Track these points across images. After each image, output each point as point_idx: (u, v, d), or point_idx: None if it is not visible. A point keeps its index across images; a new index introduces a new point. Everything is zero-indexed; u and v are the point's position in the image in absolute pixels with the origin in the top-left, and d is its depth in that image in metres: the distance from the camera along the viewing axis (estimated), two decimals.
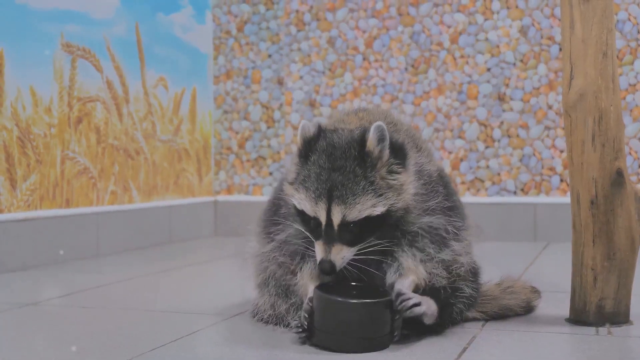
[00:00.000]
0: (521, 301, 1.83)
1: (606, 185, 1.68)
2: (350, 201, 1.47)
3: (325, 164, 1.50)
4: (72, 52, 3.02)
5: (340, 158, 1.49)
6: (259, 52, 3.93)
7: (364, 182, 1.48)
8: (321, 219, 1.49)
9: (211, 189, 3.97)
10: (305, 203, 1.50)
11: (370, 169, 1.49)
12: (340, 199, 1.47)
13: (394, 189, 1.50)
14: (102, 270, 2.75)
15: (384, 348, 1.51)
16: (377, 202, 1.48)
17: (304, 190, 1.51)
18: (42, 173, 2.84)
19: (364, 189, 1.47)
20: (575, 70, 1.71)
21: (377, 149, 1.48)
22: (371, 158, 1.49)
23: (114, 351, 1.54)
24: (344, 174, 1.48)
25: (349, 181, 1.47)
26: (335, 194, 1.47)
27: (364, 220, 1.48)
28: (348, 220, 1.47)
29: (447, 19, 3.62)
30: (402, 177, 1.51)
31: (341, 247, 1.49)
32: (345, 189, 1.47)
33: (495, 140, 3.55)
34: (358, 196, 1.47)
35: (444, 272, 1.59)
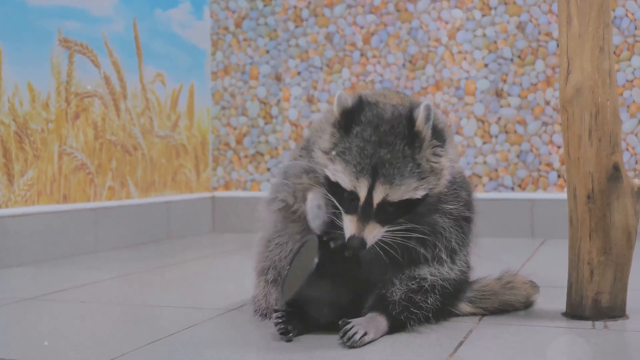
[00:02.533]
0: (521, 296, 1.82)
1: (603, 179, 1.68)
2: (397, 182, 1.42)
3: (371, 137, 1.44)
4: (69, 47, 3.02)
5: (389, 134, 1.44)
6: (257, 48, 3.93)
7: (411, 164, 1.44)
8: (360, 195, 1.43)
9: (209, 185, 3.98)
10: (343, 176, 1.45)
11: (419, 149, 1.45)
12: (387, 178, 1.42)
13: (435, 172, 1.47)
14: (100, 266, 2.75)
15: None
16: (419, 186, 1.45)
17: (343, 163, 1.45)
18: (39, 168, 2.84)
19: (411, 171, 1.43)
20: (572, 65, 1.71)
21: (425, 129, 1.45)
22: (419, 138, 1.45)
23: (111, 345, 1.54)
24: (392, 151, 1.43)
25: (397, 160, 1.43)
26: (381, 171, 1.42)
27: (403, 201, 1.44)
28: (389, 201, 1.43)
29: (445, 15, 3.62)
30: (443, 161, 1.49)
31: (375, 225, 1.44)
32: (393, 169, 1.42)
33: (493, 136, 3.55)
34: (405, 178, 1.43)
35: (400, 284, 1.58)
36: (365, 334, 1.52)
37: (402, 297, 1.58)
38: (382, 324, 1.57)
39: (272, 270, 1.70)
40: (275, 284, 1.69)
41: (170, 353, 1.48)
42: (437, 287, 1.60)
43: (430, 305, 1.60)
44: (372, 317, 1.57)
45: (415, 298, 1.59)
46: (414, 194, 1.45)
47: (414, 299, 1.59)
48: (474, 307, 1.76)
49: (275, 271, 1.69)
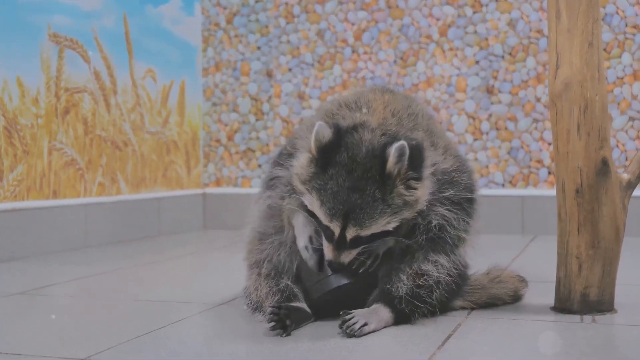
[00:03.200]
0: (509, 290, 1.83)
1: (591, 174, 1.69)
2: (367, 224, 1.49)
3: (344, 182, 1.49)
4: (59, 42, 3.01)
5: (361, 178, 1.49)
6: (248, 45, 3.93)
7: (382, 206, 1.49)
8: (335, 232, 1.51)
9: (200, 182, 3.97)
10: (319, 212, 1.52)
11: (389, 191, 1.49)
12: (357, 221, 1.49)
13: (409, 204, 1.52)
14: (90, 261, 2.74)
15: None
16: (392, 219, 1.51)
17: (318, 202, 1.51)
18: (29, 164, 2.83)
19: (381, 212, 1.49)
20: (561, 60, 1.72)
21: (396, 168, 1.48)
22: (390, 179, 1.49)
23: (100, 338, 1.54)
24: (362, 196, 1.48)
25: (366, 205, 1.48)
26: (352, 215, 1.48)
27: (377, 234, 1.52)
28: (361, 236, 1.51)
29: (436, 12, 3.62)
30: (418, 192, 1.53)
31: (350, 251, 1.54)
32: (362, 213, 1.48)
33: (484, 133, 3.56)
34: (374, 219, 1.49)
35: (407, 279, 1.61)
36: (366, 324, 1.53)
37: (407, 292, 1.60)
38: (385, 315, 1.59)
39: (266, 263, 1.70)
40: (269, 278, 1.69)
41: (158, 346, 1.48)
42: (442, 282, 1.63)
43: (435, 300, 1.63)
44: (375, 308, 1.59)
45: (421, 293, 1.61)
46: (385, 227, 1.51)
47: (419, 294, 1.61)
48: (463, 301, 1.77)
49: (271, 265, 1.69)
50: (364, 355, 1.41)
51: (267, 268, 1.70)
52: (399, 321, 1.61)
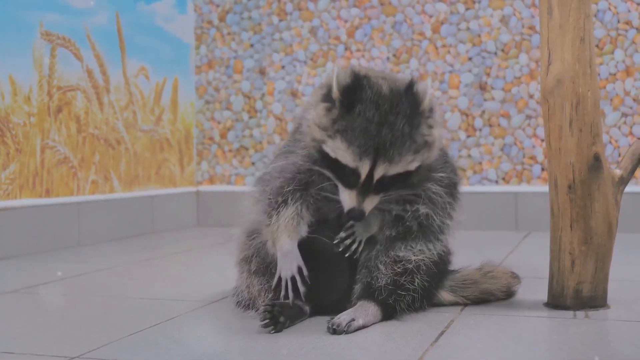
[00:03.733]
0: (502, 286, 1.83)
1: (583, 170, 1.69)
2: (396, 159, 1.48)
3: (373, 117, 1.47)
4: (51, 40, 3.00)
5: (390, 113, 1.48)
6: (241, 42, 3.92)
7: (409, 142, 1.49)
8: (362, 173, 1.48)
9: (193, 179, 3.97)
10: (345, 154, 1.48)
11: (417, 126, 1.50)
12: (386, 157, 1.47)
13: (428, 145, 1.52)
14: (83, 259, 2.74)
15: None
16: (414, 158, 1.51)
17: (346, 142, 1.48)
18: (21, 162, 2.83)
19: (408, 148, 1.49)
20: (553, 56, 1.72)
21: (426, 104, 1.51)
22: (420, 116, 1.51)
23: (93, 336, 1.54)
24: (392, 130, 1.47)
25: (396, 140, 1.47)
26: (382, 151, 1.47)
27: (399, 174, 1.51)
28: (387, 175, 1.49)
29: (429, 9, 3.62)
30: (435, 133, 1.54)
31: (373, 197, 1.51)
32: (393, 149, 1.47)
33: (477, 130, 3.56)
34: (402, 155, 1.48)
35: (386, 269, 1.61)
36: (353, 320, 1.54)
37: (387, 281, 1.60)
38: (371, 310, 1.59)
39: (255, 259, 1.69)
40: (259, 275, 1.69)
41: (151, 344, 1.48)
42: (422, 267, 1.63)
43: (417, 286, 1.62)
44: (360, 304, 1.60)
45: (401, 280, 1.61)
46: (409, 167, 1.50)
47: (399, 281, 1.61)
48: (455, 295, 1.77)
49: (259, 259, 1.68)
50: (357, 352, 1.41)
51: (257, 263, 1.69)
52: (386, 314, 1.61)
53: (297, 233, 1.59)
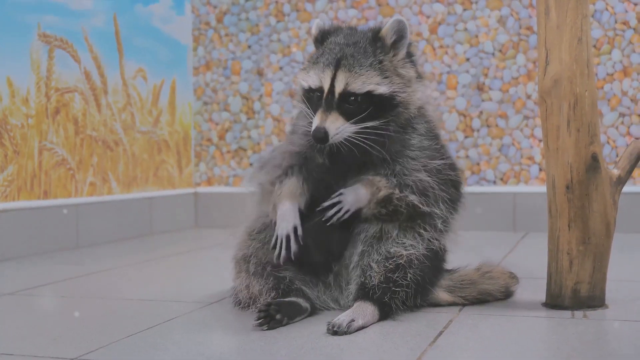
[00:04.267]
0: (500, 286, 1.83)
1: (581, 170, 1.69)
2: (356, 70, 1.53)
3: (341, 40, 1.59)
4: (49, 42, 3.00)
5: (355, 36, 1.59)
6: (239, 43, 3.92)
7: (372, 59, 1.54)
8: (325, 86, 1.54)
9: (191, 181, 3.97)
10: (313, 75, 1.57)
11: (381, 50, 1.56)
12: (347, 67, 1.53)
13: (402, 77, 1.56)
14: (81, 261, 2.74)
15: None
16: (382, 82, 1.54)
17: (314, 66, 1.58)
18: (19, 164, 2.83)
19: (371, 65, 1.54)
20: (551, 56, 1.72)
21: (391, 37, 1.57)
22: (383, 43, 1.57)
23: (91, 338, 1.54)
24: (355, 47, 1.55)
25: (358, 54, 1.54)
26: (343, 62, 1.53)
27: (365, 95, 1.53)
28: (350, 90, 1.53)
29: (426, 9, 3.63)
30: (412, 73, 1.58)
31: (338, 116, 1.53)
32: (353, 59, 1.53)
33: (475, 130, 3.56)
34: (364, 68, 1.53)
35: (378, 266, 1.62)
36: (353, 321, 1.54)
37: (381, 279, 1.61)
38: (369, 310, 1.59)
39: (253, 259, 1.70)
40: (257, 275, 1.69)
41: (149, 345, 1.48)
42: (413, 261, 1.63)
43: (410, 281, 1.62)
44: (357, 305, 1.60)
45: (394, 277, 1.61)
46: (376, 88, 1.53)
47: (392, 278, 1.61)
48: (453, 296, 1.77)
49: (257, 259, 1.69)
50: (356, 353, 1.41)
51: (254, 264, 1.70)
52: (383, 313, 1.62)
53: (297, 199, 1.63)
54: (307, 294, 1.69)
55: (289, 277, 1.68)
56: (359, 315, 1.57)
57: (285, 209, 1.62)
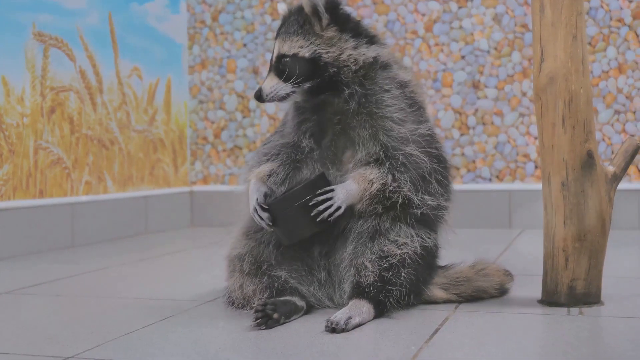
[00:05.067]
0: (495, 283, 1.84)
1: (577, 167, 1.69)
2: (284, 37, 1.71)
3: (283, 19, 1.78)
4: (44, 41, 2.99)
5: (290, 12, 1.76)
6: (234, 42, 3.92)
7: (296, 27, 1.71)
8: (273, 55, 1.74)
9: (187, 179, 3.96)
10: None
11: (303, 20, 1.71)
12: (280, 36, 1.73)
13: (322, 38, 1.68)
14: (77, 260, 2.74)
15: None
16: (305, 45, 1.69)
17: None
18: (15, 163, 2.82)
19: (295, 32, 1.70)
20: (546, 54, 1.72)
21: (307, 6, 1.70)
22: (305, 14, 1.71)
23: (86, 337, 1.53)
24: (288, 21, 1.74)
25: (289, 24, 1.73)
26: (279, 32, 1.74)
27: (293, 57, 1.68)
28: (281, 53, 1.70)
29: (422, 7, 3.63)
30: (333, 33, 1.69)
31: (273, 77, 1.70)
32: (285, 29, 1.72)
33: (470, 128, 3.56)
34: (289, 35, 1.70)
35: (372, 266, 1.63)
36: (350, 318, 1.54)
37: (375, 278, 1.62)
38: (364, 307, 1.60)
39: (248, 257, 1.71)
40: (251, 275, 1.70)
41: (145, 344, 1.48)
42: (407, 260, 1.64)
43: (404, 280, 1.64)
44: (353, 303, 1.61)
45: (388, 276, 1.62)
46: (299, 51, 1.69)
47: (386, 277, 1.63)
48: (448, 293, 1.77)
49: (251, 258, 1.70)
50: (352, 351, 1.41)
51: (249, 263, 1.71)
52: (378, 311, 1.63)
53: (264, 178, 1.72)
54: (302, 292, 1.69)
55: (284, 276, 1.69)
56: (356, 313, 1.57)
57: (249, 187, 1.72)
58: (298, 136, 1.74)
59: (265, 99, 1.70)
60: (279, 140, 1.78)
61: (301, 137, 1.74)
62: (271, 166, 1.73)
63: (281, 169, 1.72)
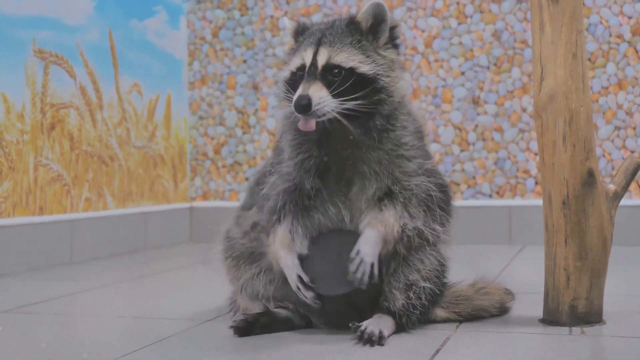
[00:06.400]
0: (495, 302, 1.83)
1: (577, 185, 1.69)
2: (338, 46, 1.52)
3: (318, 28, 1.59)
4: (44, 58, 3.00)
5: (332, 22, 1.58)
6: (234, 58, 3.92)
7: (351, 39, 1.54)
8: (307, 61, 1.52)
9: (187, 195, 3.96)
10: (295, 59, 1.57)
11: (359, 33, 1.55)
12: (328, 44, 1.53)
13: (385, 59, 1.54)
14: (76, 277, 2.73)
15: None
16: (365, 60, 1.52)
17: (294, 53, 1.59)
18: (14, 180, 2.82)
19: (351, 43, 1.53)
20: (546, 72, 1.72)
21: (368, 21, 1.54)
22: (360, 27, 1.55)
23: (86, 357, 1.52)
24: (333, 28, 1.56)
25: (338, 33, 1.54)
26: (323, 40, 1.53)
27: (349, 72, 1.50)
28: (333, 62, 1.50)
29: (421, 24, 3.63)
30: (394, 56, 1.56)
31: (322, 86, 1.48)
32: (334, 37, 1.53)
33: (470, 144, 3.56)
34: (346, 45, 1.52)
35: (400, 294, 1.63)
36: (381, 331, 1.56)
37: (403, 305, 1.63)
38: (390, 323, 1.62)
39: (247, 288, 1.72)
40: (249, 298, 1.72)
41: None
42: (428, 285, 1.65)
43: (424, 301, 1.65)
44: (380, 316, 1.62)
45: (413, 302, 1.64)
46: (360, 66, 1.51)
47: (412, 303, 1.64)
48: (448, 312, 1.76)
49: (251, 289, 1.72)
50: None
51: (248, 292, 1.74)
52: (400, 327, 1.64)
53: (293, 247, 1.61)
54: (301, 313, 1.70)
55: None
56: (385, 327, 1.59)
57: (284, 263, 1.61)
58: (300, 176, 1.62)
59: (313, 110, 1.46)
60: (279, 184, 1.65)
61: (304, 177, 1.61)
62: (287, 227, 1.62)
63: (297, 225, 1.62)
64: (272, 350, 1.54)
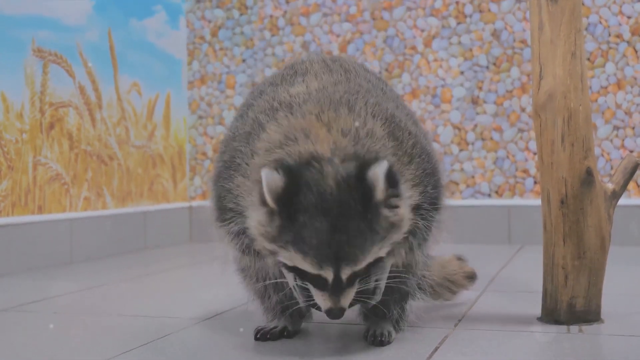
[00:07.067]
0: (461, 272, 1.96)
1: (576, 184, 1.69)
2: (360, 258, 1.33)
3: (322, 225, 1.30)
4: (43, 57, 3.00)
5: (339, 216, 1.31)
6: (233, 57, 3.93)
7: (370, 235, 1.33)
8: (328, 279, 1.34)
9: (186, 195, 3.96)
10: (305, 264, 1.33)
11: (376, 219, 1.33)
12: (350, 259, 1.33)
13: (396, 226, 1.36)
14: (75, 277, 2.73)
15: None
16: (383, 245, 1.36)
17: (300, 253, 1.32)
18: (13, 179, 2.82)
19: (371, 242, 1.34)
20: (544, 71, 1.72)
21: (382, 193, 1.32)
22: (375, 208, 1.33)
23: (84, 355, 1.53)
24: (348, 232, 1.31)
25: (354, 240, 1.32)
26: (342, 255, 1.32)
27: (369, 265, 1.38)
28: (356, 272, 1.35)
29: (421, 23, 3.64)
30: (401, 210, 1.37)
31: (348, 292, 1.38)
32: (353, 249, 1.32)
33: (469, 143, 3.57)
34: (366, 250, 1.33)
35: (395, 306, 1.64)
36: (389, 332, 1.59)
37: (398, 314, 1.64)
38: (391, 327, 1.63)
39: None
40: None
41: None
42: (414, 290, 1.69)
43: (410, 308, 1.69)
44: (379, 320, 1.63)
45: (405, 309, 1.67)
46: (378, 254, 1.37)
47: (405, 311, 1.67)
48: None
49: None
50: None
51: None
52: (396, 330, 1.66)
53: None
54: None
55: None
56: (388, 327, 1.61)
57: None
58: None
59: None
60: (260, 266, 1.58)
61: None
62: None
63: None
64: (272, 349, 1.54)
